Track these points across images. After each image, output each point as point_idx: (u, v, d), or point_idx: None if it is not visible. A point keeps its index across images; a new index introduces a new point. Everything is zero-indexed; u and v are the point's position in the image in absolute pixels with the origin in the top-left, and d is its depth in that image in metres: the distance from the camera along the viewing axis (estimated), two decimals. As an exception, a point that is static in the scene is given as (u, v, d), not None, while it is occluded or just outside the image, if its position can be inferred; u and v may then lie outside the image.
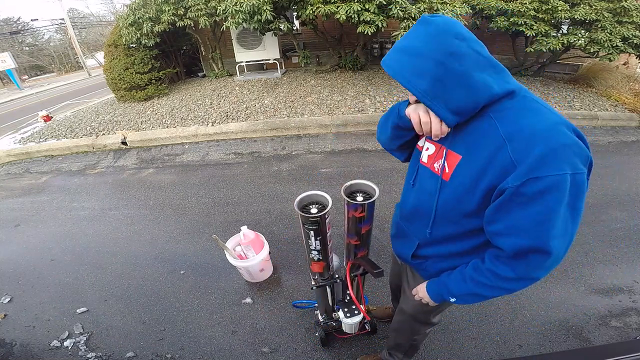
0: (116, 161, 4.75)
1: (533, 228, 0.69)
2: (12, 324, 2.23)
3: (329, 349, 1.82)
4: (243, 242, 2.14)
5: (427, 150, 0.92)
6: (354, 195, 1.16)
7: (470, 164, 0.77)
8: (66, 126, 5.96)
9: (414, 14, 4.35)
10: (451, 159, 0.82)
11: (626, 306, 1.98)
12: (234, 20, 4.83)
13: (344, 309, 1.53)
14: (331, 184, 3.45)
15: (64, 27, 24.57)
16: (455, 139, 0.82)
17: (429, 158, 0.91)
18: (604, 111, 4.96)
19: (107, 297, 2.36)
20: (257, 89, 6.22)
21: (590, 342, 1.78)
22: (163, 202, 3.50)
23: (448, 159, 0.83)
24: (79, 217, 3.42)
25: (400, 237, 1.13)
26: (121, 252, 2.80)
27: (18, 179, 4.64)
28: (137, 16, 5.78)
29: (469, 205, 0.81)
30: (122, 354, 1.94)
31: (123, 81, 6.33)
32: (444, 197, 0.86)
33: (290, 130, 4.82)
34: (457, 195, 0.82)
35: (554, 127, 0.67)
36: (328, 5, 4.48)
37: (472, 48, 0.69)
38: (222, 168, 4.12)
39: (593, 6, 4.89)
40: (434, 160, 0.89)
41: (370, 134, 4.59)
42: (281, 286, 2.29)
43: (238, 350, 1.89)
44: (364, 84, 5.91)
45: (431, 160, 0.90)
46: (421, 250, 1.02)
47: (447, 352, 1.76)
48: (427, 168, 0.91)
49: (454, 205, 0.84)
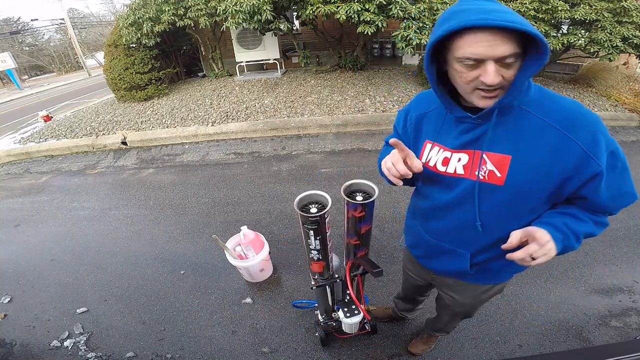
0: (116, 161, 4.75)
1: (630, 187, 0.78)
2: (12, 324, 2.23)
3: (329, 349, 1.81)
4: (243, 242, 2.14)
5: (460, 160, 0.84)
6: (354, 195, 1.16)
7: (528, 161, 0.74)
8: (66, 126, 5.96)
9: (414, 13, 4.35)
10: (498, 161, 0.77)
11: (626, 306, 1.98)
12: (234, 20, 4.83)
13: (344, 309, 1.53)
14: (331, 184, 3.45)
15: (64, 27, 24.57)
16: (493, 140, 0.77)
17: (465, 168, 0.83)
18: (604, 111, 4.96)
19: (107, 297, 2.36)
20: (257, 89, 6.22)
21: (590, 342, 1.78)
22: (163, 202, 3.50)
23: (495, 163, 0.78)
24: (79, 217, 3.42)
25: (437, 254, 1.05)
26: (121, 252, 2.80)
27: (18, 179, 4.64)
28: (137, 16, 5.78)
29: (535, 201, 0.79)
30: (122, 354, 1.94)
31: (123, 81, 6.33)
32: (498, 202, 0.81)
33: (290, 130, 4.82)
34: (520, 195, 0.78)
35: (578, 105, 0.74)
36: (328, 5, 4.48)
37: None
38: (222, 168, 4.12)
39: (593, 6, 4.89)
40: (473, 168, 0.82)
41: (370, 134, 4.59)
42: (281, 286, 2.29)
43: (238, 350, 1.89)
44: (364, 84, 5.91)
45: (468, 169, 0.83)
46: (477, 258, 0.96)
47: (447, 352, 1.76)
48: (466, 179, 0.83)
49: (514, 206, 0.81)
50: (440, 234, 0.99)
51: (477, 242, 0.92)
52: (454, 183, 0.87)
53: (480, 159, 0.79)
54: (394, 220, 2.79)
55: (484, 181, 0.80)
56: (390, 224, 2.76)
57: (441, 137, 0.88)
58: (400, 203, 3.00)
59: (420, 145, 0.94)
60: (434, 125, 0.90)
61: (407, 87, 5.69)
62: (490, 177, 0.79)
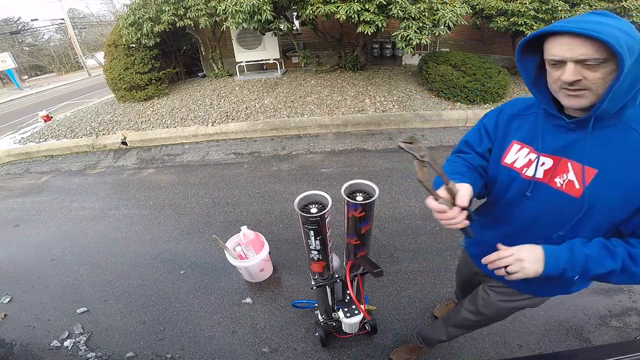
0: (116, 161, 4.75)
1: None
2: (12, 324, 2.23)
3: (329, 349, 1.82)
4: (243, 242, 2.14)
5: (543, 165, 0.84)
6: (354, 195, 1.16)
7: (613, 178, 0.74)
8: (66, 126, 5.96)
9: (414, 14, 4.35)
10: (581, 172, 0.77)
11: (626, 306, 1.98)
12: (234, 20, 4.83)
13: (344, 309, 1.53)
14: (331, 184, 3.45)
15: (64, 27, 24.57)
16: (583, 150, 0.77)
17: (545, 173, 0.83)
18: (604, 111, 4.96)
19: (107, 297, 2.36)
20: (257, 89, 6.22)
21: (590, 342, 1.78)
22: (163, 202, 3.50)
23: (577, 174, 0.78)
24: (79, 217, 3.42)
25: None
26: (121, 252, 2.80)
27: (18, 179, 4.64)
28: (137, 16, 5.78)
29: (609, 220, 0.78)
30: (122, 354, 1.94)
31: (123, 81, 6.33)
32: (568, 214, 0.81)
33: (290, 130, 4.82)
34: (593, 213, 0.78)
35: None
36: (328, 5, 4.48)
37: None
38: (222, 168, 4.12)
39: (593, 6, 4.89)
40: (554, 174, 0.82)
41: (370, 134, 4.59)
42: (281, 286, 2.29)
43: (238, 350, 1.89)
44: (364, 84, 5.91)
45: (549, 175, 0.83)
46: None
47: (447, 352, 1.77)
48: (545, 184, 0.84)
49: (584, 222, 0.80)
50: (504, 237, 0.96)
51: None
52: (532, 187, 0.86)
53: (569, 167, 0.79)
54: (394, 220, 2.79)
55: (560, 190, 0.80)
56: (390, 224, 2.76)
57: (531, 140, 0.88)
58: (400, 203, 3.00)
59: (507, 144, 0.93)
60: (528, 128, 0.90)
61: (407, 87, 5.69)
62: (567, 187, 0.79)
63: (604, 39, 0.62)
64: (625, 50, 0.63)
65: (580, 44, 0.66)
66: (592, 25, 0.65)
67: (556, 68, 0.73)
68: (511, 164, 0.91)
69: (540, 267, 0.78)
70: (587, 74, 0.68)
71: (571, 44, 0.67)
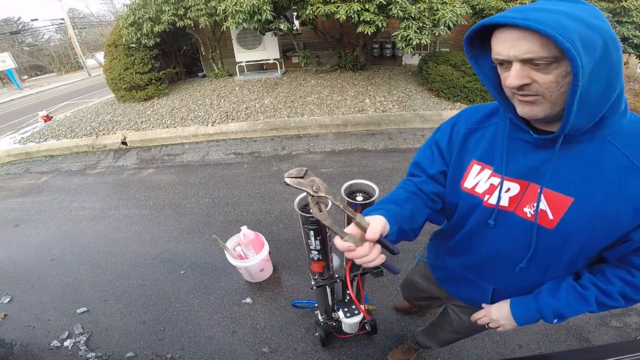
0: (116, 161, 4.75)
1: None
2: (12, 324, 2.23)
3: (329, 349, 1.81)
4: (243, 242, 2.14)
5: (508, 191, 0.71)
6: (354, 195, 1.16)
7: (592, 209, 0.62)
8: (66, 126, 5.96)
9: (414, 14, 4.35)
10: (554, 201, 0.65)
11: (626, 306, 1.98)
12: (234, 20, 4.83)
13: (344, 309, 1.53)
14: (331, 184, 3.45)
15: (64, 27, 24.57)
16: (556, 172, 0.64)
17: (511, 201, 0.71)
18: (604, 111, 4.96)
19: (107, 297, 2.36)
20: (257, 89, 6.22)
21: (590, 342, 1.78)
22: (163, 202, 3.50)
23: (550, 202, 0.65)
24: (79, 217, 3.42)
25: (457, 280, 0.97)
26: (121, 252, 2.80)
27: (18, 179, 4.64)
28: (137, 16, 5.78)
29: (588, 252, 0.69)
30: (122, 354, 1.94)
31: (123, 81, 6.33)
32: (541, 246, 0.70)
33: (290, 130, 4.82)
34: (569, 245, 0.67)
35: None
36: (328, 5, 4.48)
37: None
38: (222, 168, 4.12)
39: (593, 6, 4.89)
40: (522, 203, 0.69)
41: (370, 134, 4.59)
42: (281, 286, 2.29)
43: (238, 350, 1.89)
44: (364, 84, 5.91)
45: (515, 203, 0.70)
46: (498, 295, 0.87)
47: (447, 352, 1.77)
48: (511, 213, 0.71)
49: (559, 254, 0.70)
50: (467, 266, 0.90)
51: (506, 280, 0.83)
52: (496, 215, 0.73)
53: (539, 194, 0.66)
54: (394, 220, 2.79)
55: (530, 220, 0.68)
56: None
57: (493, 159, 0.74)
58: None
59: (465, 165, 0.79)
60: (487, 143, 0.75)
61: (407, 87, 5.69)
62: (541, 217, 0.67)
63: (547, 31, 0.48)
64: (578, 46, 0.48)
65: (524, 39, 0.53)
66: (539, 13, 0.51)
67: (504, 69, 0.60)
68: (472, 189, 0.77)
69: (513, 322, 0.82)
70: (536, 76, 0.55)
71: (515, 40, 0.54)
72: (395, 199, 0.80)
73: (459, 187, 0.80)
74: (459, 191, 0.80)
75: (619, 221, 0.61)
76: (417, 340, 1.54)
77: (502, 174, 0.71)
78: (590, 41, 0.50)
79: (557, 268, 0.74)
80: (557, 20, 0.49)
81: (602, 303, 0.71)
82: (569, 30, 0.49)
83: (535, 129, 0.67)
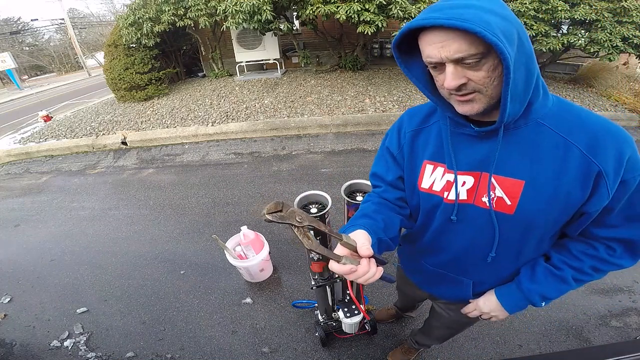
0: (116, 161, 4.75)
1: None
2: (12, 324, 2.23)
3: (329, 349, 1.81)
4: (243, 242, 2.14)
5: (464, 185, 0.73)
6: (354, 195, 1.16)
7: (543, 188, 0.65)
8: (66, 126, 5.96)
9: (414, 14, 4.35)
10: (508, 187, 0.67)
11: (626, 306, 1.98)
12: (234, 20, 4.83)
13: (344, 309, 1.54)
14: (331, 184, 3.45)
15: (64, 27, 24.58)
16: (503, 159, 0.67)
17: (469, 193, 0.73)
18: (604, 111, 4.95)
19: (107, 297, 2.36)
20: (257, 89, 6.22)
21: (590, 342, 1.78)
22: (163, 202, 3.50)
23: (504, 189, 0.68)
24: (79, 217, 3.42)
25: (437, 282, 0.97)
26: (121, 252, 2.80)
27: (18, 179, 4.64)
28: (137, 16, 5.79)
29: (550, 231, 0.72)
30: (122, 354, 1.94)
31: (123, 81, 6.33)
32: (507, 232, 0.72)
33: (290, 130, 4.82)
34: (532, 227, 0.70)
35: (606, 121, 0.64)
36: (328, 5, 4.48)
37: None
38: (222, 168, 4.12)
39: (593, 6, 4.88)
40: (479, 193, 0.71)
41: (370, 134, 4.59)
42: (281, 286, 2.29)
43: (238, 350, 1.89)
44: (364, 84, 5.91)
45: (473, 194, 0.72)
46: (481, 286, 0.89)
47: (447, 352, 1.77)
48: (471, 205, 0.73)
49: (526, 237, 0.73)
50: (443, 264, 0.90)
51: (483, 272, 0.84)
52: (458, 211, 0.75)
53: (490, 182, 0.69)
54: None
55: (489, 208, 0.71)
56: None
57: (443, 157, 0.76)
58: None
59: (419, 167, 0.80)
60: (434, 142, 0.77)
61: (407, 87, 5.69)
62: (498, 204, 0.69)
63: (473, 28, 0.49)
64: (503, 39, 0.50)
65: (451, 39, 0.53)
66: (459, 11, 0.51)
67: (438, 72, 0.60)
68: (429, 189, 0.79)
69: (504, 311, 0.85)
70: (470, 74, 0.57)
71: (442, 40, 0.54)
72: (365, 212, 0.81)
73: (416, 188, 0.81)
74: (417, 192, 0.82)
75: (570, 196, 0.64)
76: (416, 339, 1.55)
77: (454, 169, 0.73)
78: (509, 32, 0.52)
79: (527, 252, 0.77)
80: (479, 16, 0.51)
81: (578, 279, 0.76)
82: (492, 25, 0.50)
83: (474, 122, 0.69)
